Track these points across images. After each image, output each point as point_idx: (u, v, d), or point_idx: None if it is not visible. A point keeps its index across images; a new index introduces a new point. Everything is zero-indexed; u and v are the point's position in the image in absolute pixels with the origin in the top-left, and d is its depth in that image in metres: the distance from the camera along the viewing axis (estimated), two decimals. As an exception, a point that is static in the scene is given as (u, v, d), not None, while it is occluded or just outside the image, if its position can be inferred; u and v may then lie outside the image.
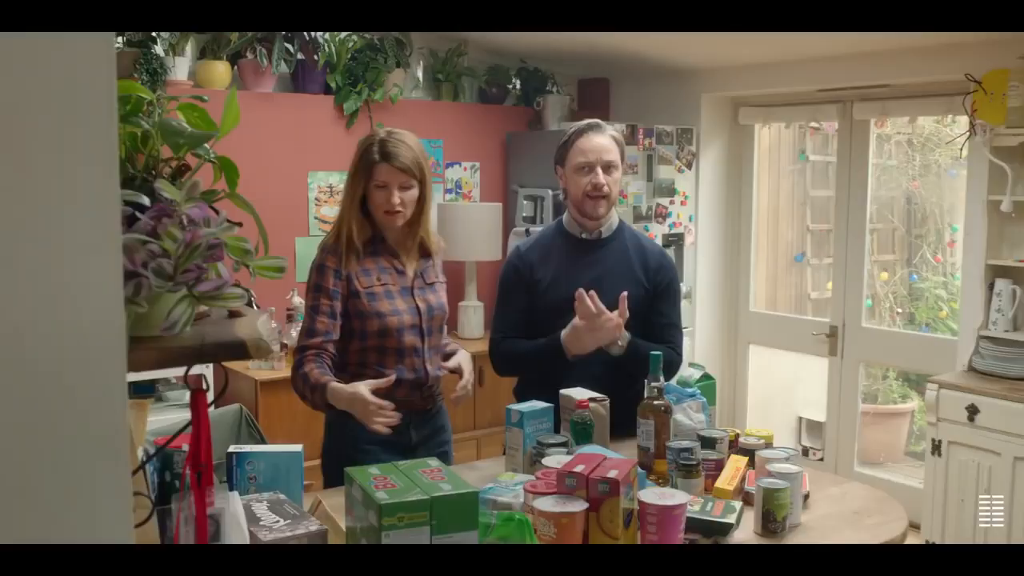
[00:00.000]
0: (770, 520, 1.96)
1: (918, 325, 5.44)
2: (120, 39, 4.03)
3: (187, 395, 3.72)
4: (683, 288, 4.99)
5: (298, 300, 4.13)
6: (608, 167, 2.69)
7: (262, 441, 2.62)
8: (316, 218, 4.55)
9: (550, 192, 4.72)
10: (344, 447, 2.45)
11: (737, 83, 4.88)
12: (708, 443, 2.32)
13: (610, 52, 4.86)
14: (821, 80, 4.54)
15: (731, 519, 1.88)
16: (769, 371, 5.35)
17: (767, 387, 5.36)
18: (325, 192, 4.57)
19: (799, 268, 5.55)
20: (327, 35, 4.48)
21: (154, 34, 4.06)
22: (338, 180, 4.59)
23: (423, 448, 2.55)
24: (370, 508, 1.50)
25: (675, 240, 4.98)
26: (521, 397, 2.65)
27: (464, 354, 2.68)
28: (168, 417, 3.31)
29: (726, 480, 2.11)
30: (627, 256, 2.78)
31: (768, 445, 2.38)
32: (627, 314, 2.54)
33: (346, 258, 2.48)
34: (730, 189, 5.25)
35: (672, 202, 4.93)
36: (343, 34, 4.48)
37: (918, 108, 4.39)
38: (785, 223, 5.54)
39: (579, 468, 1.83)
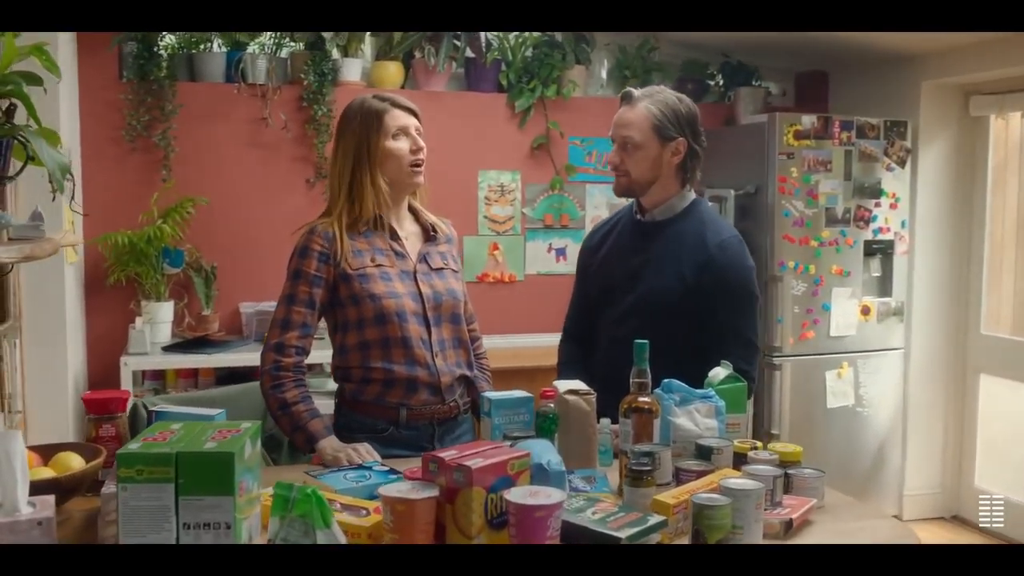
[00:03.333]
0: (700, 543, 1.60)
1: None
2: (299, 41, 4.26)
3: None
4: (892, 303, 4.37)
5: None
6: (624, 143, 2.41)
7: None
8: (485, 217, 4.51)
9: (732, 192, 4.33)
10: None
11: (964, 66, 4.18)
12: (704, 453, 1.96)
13: (824, 42, 4.37)
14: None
15: (623, 533, 1.55)
16: (1006, 406, 4.50)
17: (1003, 425, 4.51)
18: (496, 191, 4.52)
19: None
20: (498, 33, 4.44)
21: (326, 35, 4.23)
22: (509, 179, 4.53)
23: None
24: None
25: (881, 248, 4.36)
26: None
27: None
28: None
29: (675, 493, 1.75)
30: (677, 245, 2.43)
31: (792, 464, 1.97)
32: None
33: (338, 238, 2.23)
34: (958, 192, 4.51)
35: (878, 204, 4.32)
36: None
37: None
38: (1044, 234, 4.64)
39: (448, 454, 1.61)
